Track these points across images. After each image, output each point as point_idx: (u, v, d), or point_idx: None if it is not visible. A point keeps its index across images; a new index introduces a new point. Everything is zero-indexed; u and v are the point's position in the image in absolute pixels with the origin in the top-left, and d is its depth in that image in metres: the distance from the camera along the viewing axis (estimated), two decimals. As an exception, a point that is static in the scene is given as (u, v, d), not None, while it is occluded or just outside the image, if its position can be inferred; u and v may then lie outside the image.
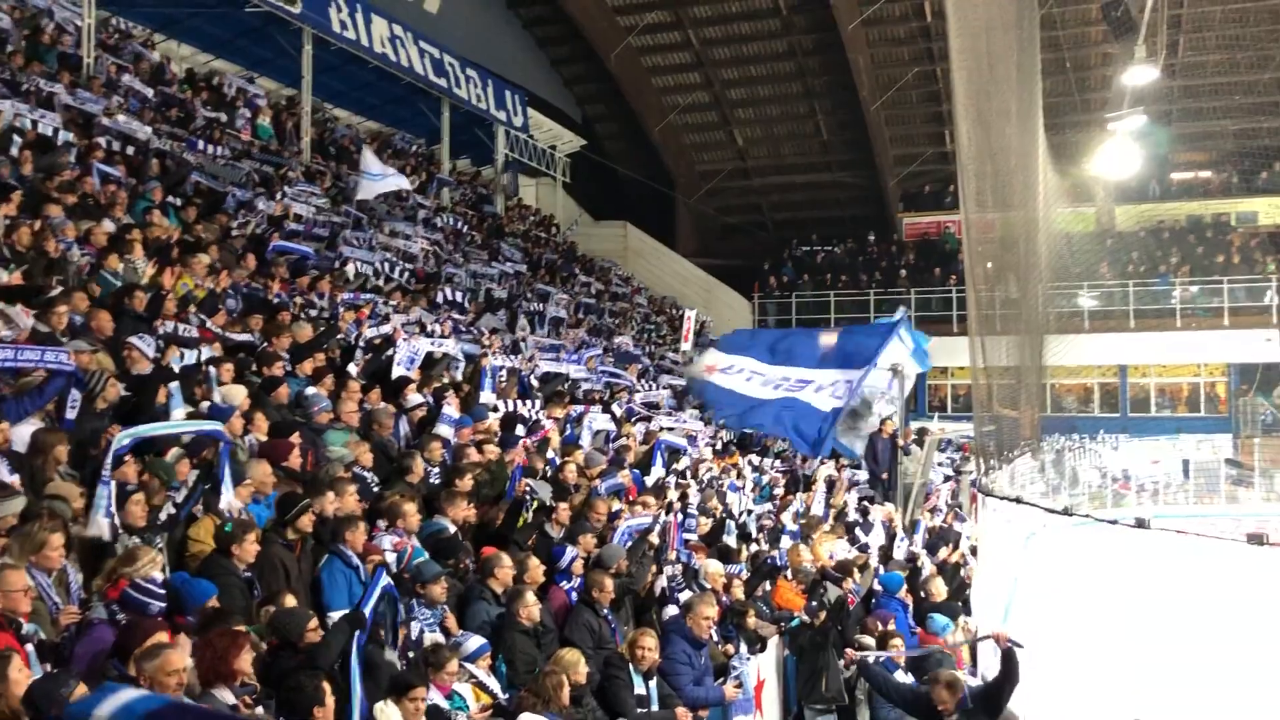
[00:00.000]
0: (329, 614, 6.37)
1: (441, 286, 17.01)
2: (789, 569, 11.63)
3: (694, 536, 11.18)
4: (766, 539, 12.79)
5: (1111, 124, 21.28)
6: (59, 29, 16.10)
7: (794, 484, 16.87)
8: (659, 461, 13.27)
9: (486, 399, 11.96)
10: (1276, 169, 30.74)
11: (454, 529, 8.23)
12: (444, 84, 25.51)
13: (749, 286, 33.62)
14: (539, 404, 13.04)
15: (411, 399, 10.51)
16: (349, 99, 25.84)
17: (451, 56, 25.82)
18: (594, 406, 14.21)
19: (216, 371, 8.56)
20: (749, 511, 13.71)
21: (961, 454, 23.64)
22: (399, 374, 11.12)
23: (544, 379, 14.64)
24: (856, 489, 17.41)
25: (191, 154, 15.43)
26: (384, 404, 10.16)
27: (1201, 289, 29.14)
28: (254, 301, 11.56)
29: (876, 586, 11.94)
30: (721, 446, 17.41)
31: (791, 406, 15.85)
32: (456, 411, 10.51)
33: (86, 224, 10.53)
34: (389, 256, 16.66)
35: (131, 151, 13.96)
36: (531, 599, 7.36)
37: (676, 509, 11.20)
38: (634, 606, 8.93)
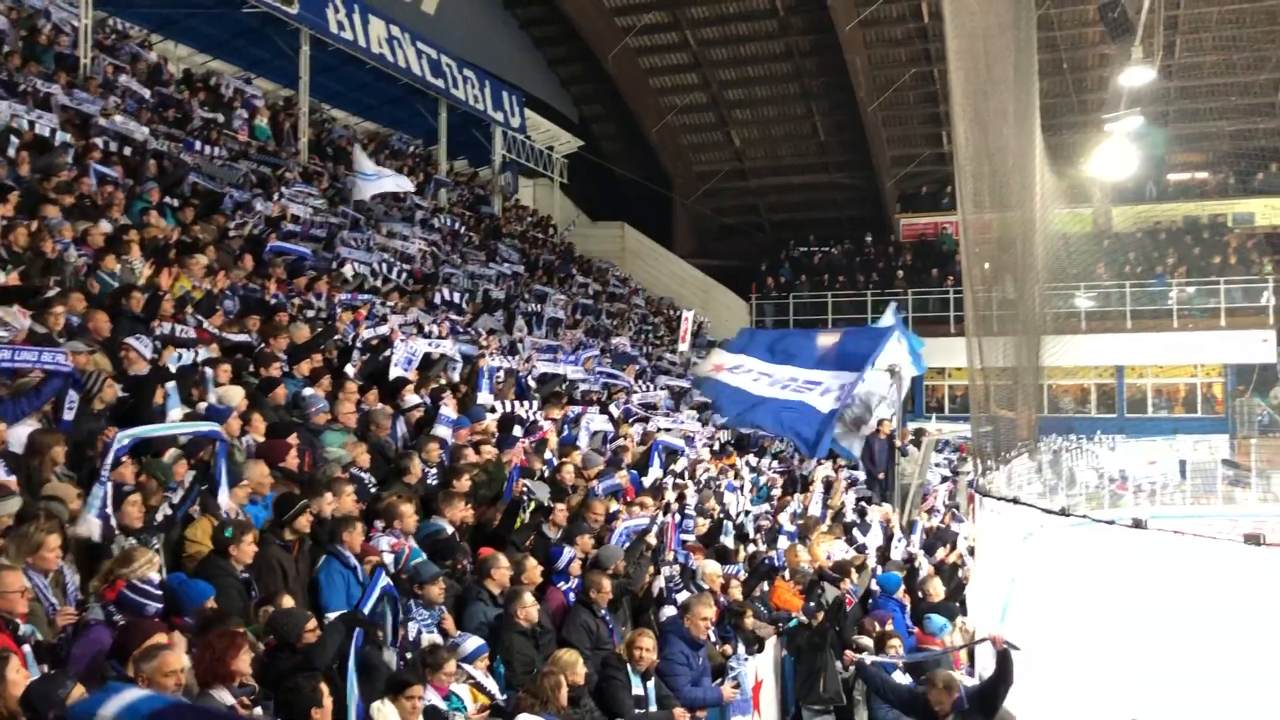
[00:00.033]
0: (327, 615, 6.35)
1: (439, 287, 16.99)
2: (787, 569, 11.62)
3: (691, 537, 11.16)
4: (764, 540, 12.78)
5: (1108, 125, 21.31)
6: (56, 29, 16.09)
7: (791, 485, 16.88)
8: (656, 462, 13.26)
9: (484, 400, 11.95)
10: (1273, 170, 30.79)
11: (451, 530, 8.21)
12: (441, 85, 25.50)
13: (746, 287, 33.63)
14: (536, 405, 13.04)
15: (409, 400, 10.50)
16: (346, 99, 25.83)
17: (449, 57, 25.82)
18: (591, 407, 14.19)
19: (214, 372, 8.55)
20: (746, 512, 13.70)
21: (959, 455, 23.65)
22: (396, 375, 11.11)
23: (541, 380, 14.62)
24: (854, 490, 17.40)
25: (189, 155, 15.41)
26: (381, 405, 10.15)
27: (1198, 290, 29.18)
28: (251, 302, 11.53)
29: (874, 587, 11.94)
30: (719, 447, 17.38)
31: (793, 408, 15.83)
32: (454, 412, 10.50)
33: (83, 225, 10.51)
34: (386, 257, 16.66)
35: (129, 152, 13.94)
36: (529, 600, 7.35)
37: (674, 510, 11.18)
38: (632, 607, 8.91)
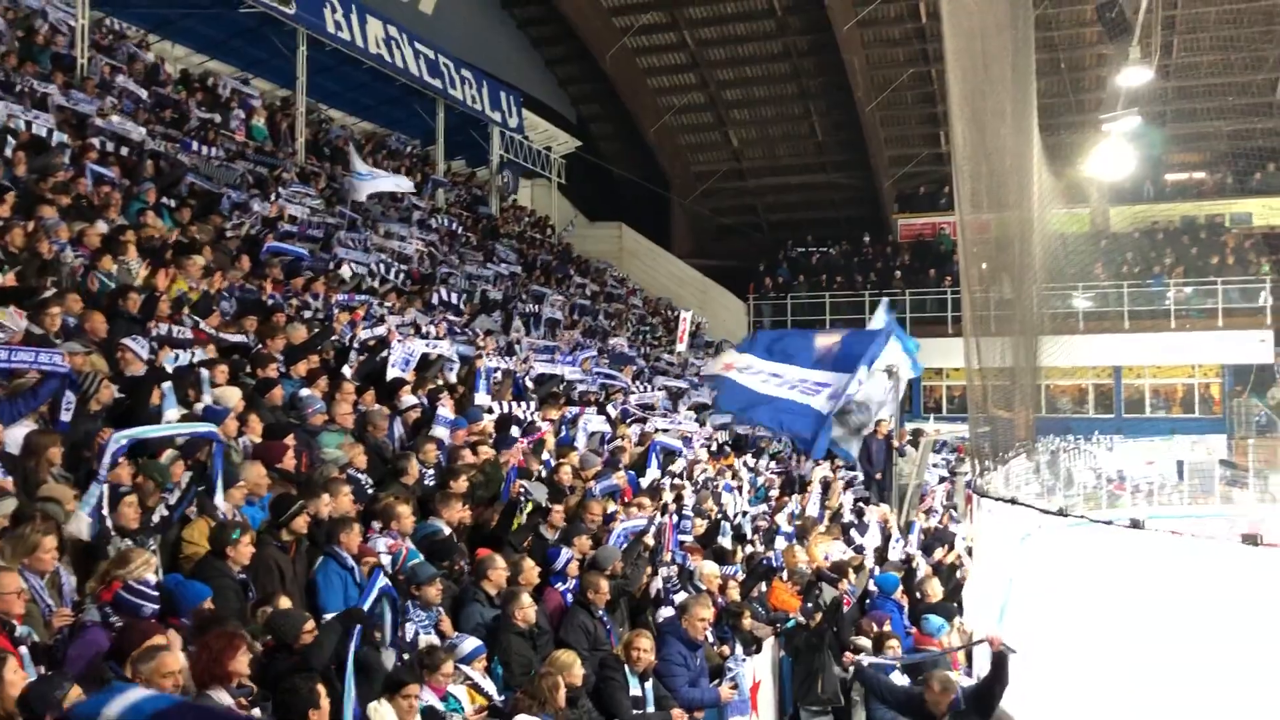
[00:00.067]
0: (325, 616, 6.35)
1: (436, 288, 16.97)
2: (784, 570, 11.62)
3: (689, 538, 11.15)
4: (761, 540, 12.78)
5: (1106, 125, 21.31)
6: (53, 29, 16.08)
7: (789, 485, 16.88)
8: (654, 463, 13.25)
9: (481, 401, 11.94)
10: (1270, 170, 30.81)
11: (449, 531, 8.21)
12: (439, 85, 25.50)
13: (744, 288, 33.60)
14: (534, 405, 13.03)
15: (406, 400, 10.49)
16: (344, 100, 25.83)
17: (446, 57, 25.81)
18: (589, 408, 14.18)
19: (210, 373, 8.54)
20: (744, 513, 13.70)
21: (956, 455, 23.66)
22: (394, 375, 11.10)
23: (539, 380, 14.61)
24: (852, 490, 17.41)
25: (186, 155, 15.40)
26: (378, 406, 10.14)
27: (1196, 290, 29.18)
28: (248, 303, 11.51)
29: (872, 588, 11.94)
30: (717, 448, 17.38)
31: (794, 409, 15.87)
32: (451, 413, 10.50)
33: (80, 225, 10.50)
34: (384, 258, 16.64)
35: (126, 152, 13.93)
36: (527, 601, 7.34)
37: (672, 510, 11.17)
38: (629, 608, 8.90)
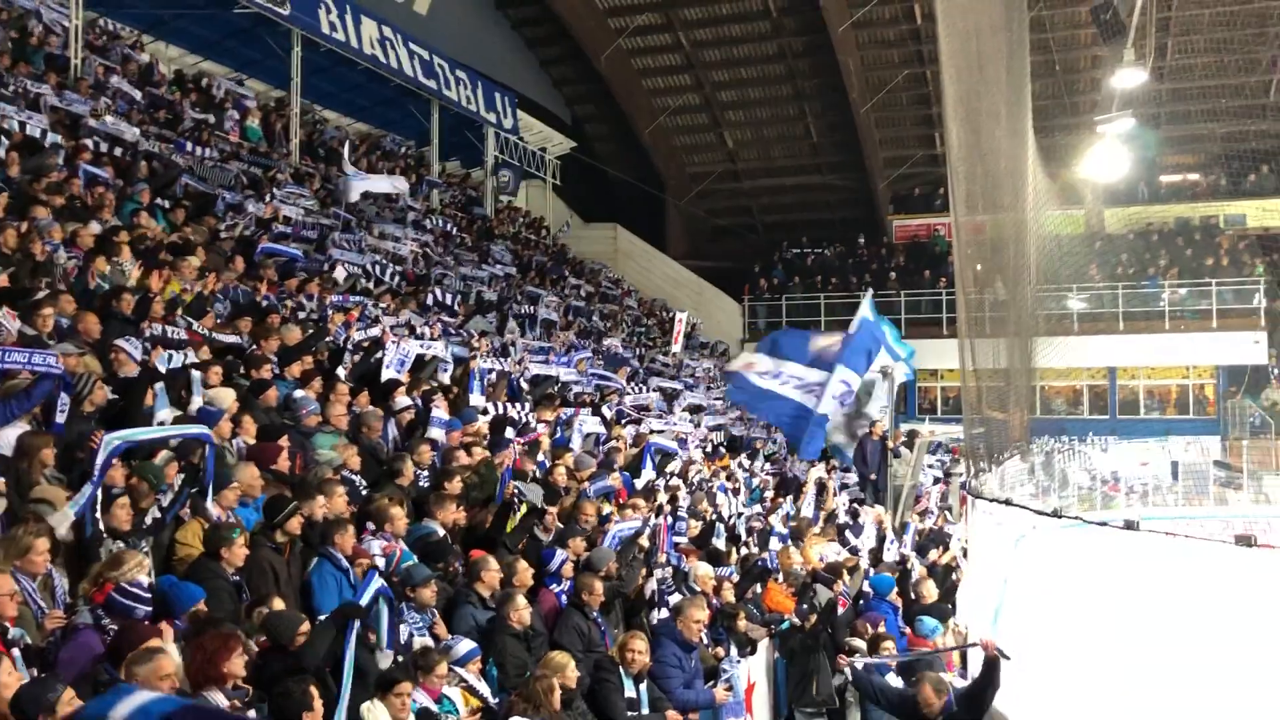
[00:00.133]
0: (320, 617, 6.33)
1: (431, 289, 16.95)
2: (779, 572, 11.63)
3: (684, 539, 11.16)
4: (756, 542, 12.78)
5: (1100, 126, 21.36)
6: (46, 30, 16.03)
7: (784, 487, 16.89)
8: (649, 464, 13.25)
9: (475, 402, 11.92)
10: (1264, 172, 30.87)
11: (443, 532, 8.19)
12: (433, 86, 25.44)
13: (739, 289, 33.60)
14: (529, 407, 13.02)
15: (400, 402, 10.47)
16: (338, 100, 25.77)
17: (441, 58, 25.75)
18: (584, 409, 14.18)
19: (204, 374, 8.51)
20: (739, 514, 13.70)
21: (951, 456, 23.70)
22: (389, 377, 11.08)
23: (534, 382, 14.60)
24: (846, 491, 17.43)
25: (180, 156, 15.35)
26: (372, 407, 10.12)
27: (1190, 291, 29.22)
28: (243, 304, 11.49)
29: (866, 589, 11.94)
30: (712, 449, 17.39)
31: (792, 409, 15.99)
32: (446, 414, 10.48)
33: (73, 226, 10.47)
34: (378, 259, 16.60)
35: (120, 153, 13.90)
36: (522, 602, 7.33)
37: (666, 512, 11.18)
38: (624, 609, 8.90)
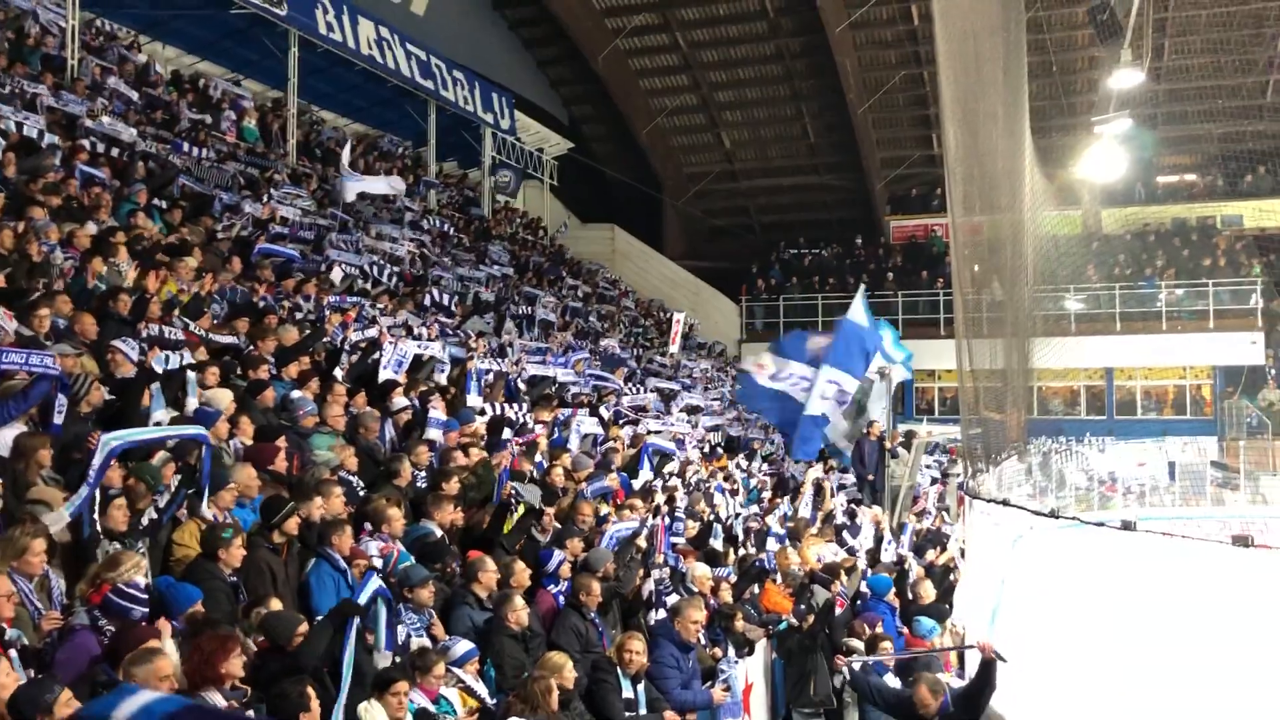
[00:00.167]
0: (318, 618, 6.33)
1: (428, 289, 16.94)
2: (777, 572, 11.62)
3: (681, 540, 11.16)
4: (753, 542, 12.78)
5: (1097, 127, 21.38)
6: (43, 30, 16.00)
7: (781, 487, 16.90)
8: (646, 465, 13.25)
9: (473, 402, 11.92)
10: (1261, 172, 30.89)
11: (440, 533, 8.19)
12: (431, 86, 25.44)
13: (736, 289, 33.60)
14: (526, 407, 13.01)
15: (397, 402, 10.46)
16: (335, 101, 25.74)
17: (438, 59, 25.74)
18: (581, 410, 14.18)
19: (201, 375, 8.50)
20: (736, 515, 13.71)
21: (949, 457, 23.71)
22: (386, 377, 11.07)
23: (531, 382, 14.59)
24: (844, 492, 17.43)
25: (177, 156, 15.34)
26: (370, 408, 10.11)
27: (1187, 292, 29.23)
28: (240, 305, 11.48)
29: (864, 589, 11.94)
30: (709, 450, 17.39)
31: (790, 407, 16.07)
32: (443, 415, 10.48)
33: (70, 226, 10.45)
34: (376, 259, 16.59)
35: (116, 154, 13.88)
36: (520, 603, 7.32)
37: (664, 512, 11.18)
38: (621, 610, 8.89)
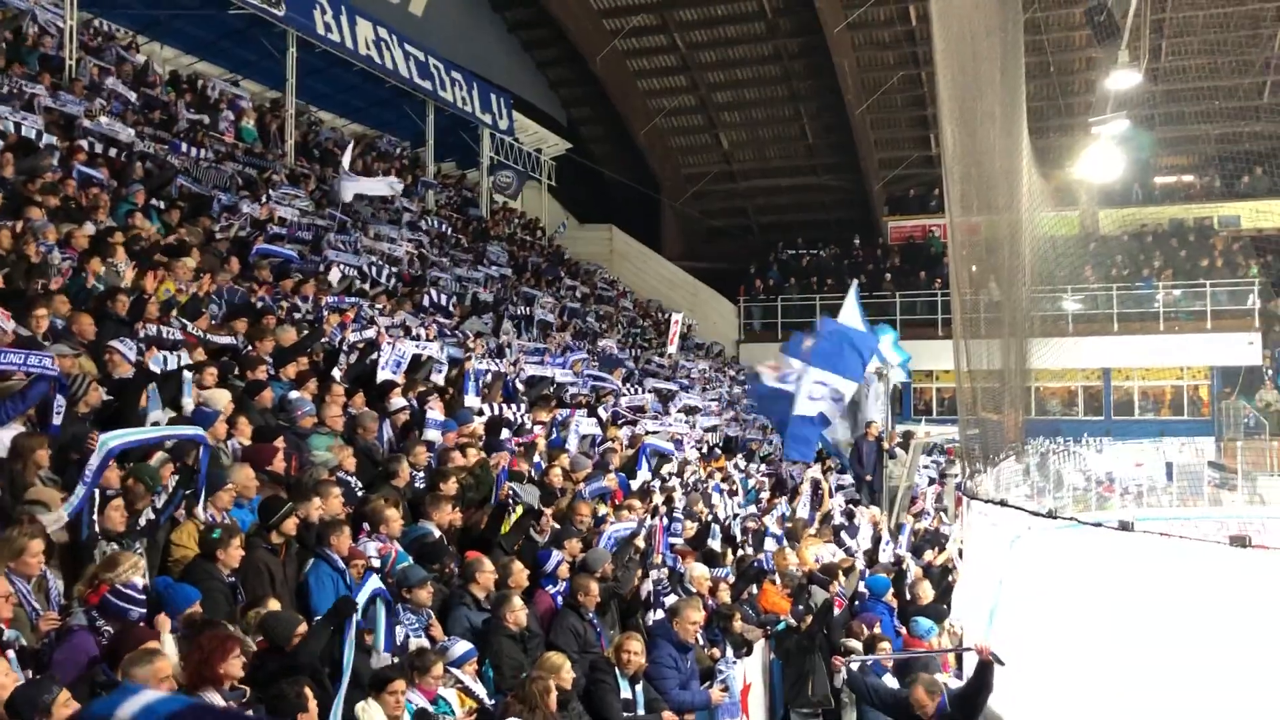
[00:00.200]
0: (316, 618, 6.33)
1: (426, 290, 16.93)
2: (775, 572, 11.62)
3: (680, 540, 11.16)
4: (751, 543, 12.78)
5: (1095, 128, 21.42)
6: (41, 30, 15.99)
7: (780, 488, 16.90)
8: (644, 465, 13.25)
9: (471, 403, 11.92)
10: (1258, 173, 30.90)
11: (438, 533, 8.19)
12: (429, 87, 25.43)
13: (734, 290, 33.63)
14: (525, 408, 13.01)
15: (395, 403, 10.46)
16: (334, 101, 25.73)
17: (436, 59, 25.73)
18: (580, 410, 14.18)
19: (199, 376, 8.49)
20: (735, 515, 13.70)
21: (947, 457, 23.70)
22: (384, 378, 11.06)
23: (530, 383, 14.59)
24: (842, 492, 17.43)
25: (175, 157, 15.32)
26: (367, 408, 10.10)
27: (1184, 292, 29.28)
28: (238, 305, 11.47)
29: (862, 590, 11.95)
30: (707, 450, 17.39)
31: (789, 407, 16.12)
32: (441, 415, 10.47)
33: (68, 227, 10.45)
34: (374, 260, 16.58)
35: (114, 154, 13.87)
36: (518, 604, 7.32)
37: (662, 513, 11.18)
38: (620, 610, 8.89)
